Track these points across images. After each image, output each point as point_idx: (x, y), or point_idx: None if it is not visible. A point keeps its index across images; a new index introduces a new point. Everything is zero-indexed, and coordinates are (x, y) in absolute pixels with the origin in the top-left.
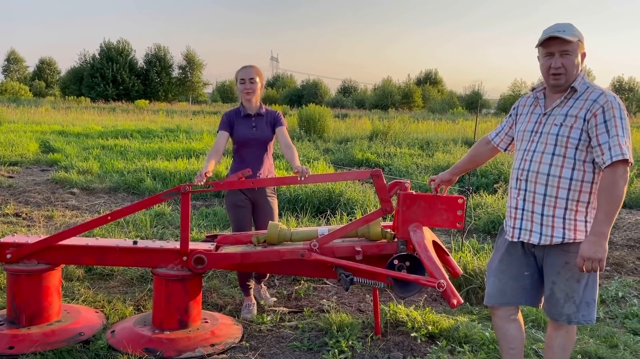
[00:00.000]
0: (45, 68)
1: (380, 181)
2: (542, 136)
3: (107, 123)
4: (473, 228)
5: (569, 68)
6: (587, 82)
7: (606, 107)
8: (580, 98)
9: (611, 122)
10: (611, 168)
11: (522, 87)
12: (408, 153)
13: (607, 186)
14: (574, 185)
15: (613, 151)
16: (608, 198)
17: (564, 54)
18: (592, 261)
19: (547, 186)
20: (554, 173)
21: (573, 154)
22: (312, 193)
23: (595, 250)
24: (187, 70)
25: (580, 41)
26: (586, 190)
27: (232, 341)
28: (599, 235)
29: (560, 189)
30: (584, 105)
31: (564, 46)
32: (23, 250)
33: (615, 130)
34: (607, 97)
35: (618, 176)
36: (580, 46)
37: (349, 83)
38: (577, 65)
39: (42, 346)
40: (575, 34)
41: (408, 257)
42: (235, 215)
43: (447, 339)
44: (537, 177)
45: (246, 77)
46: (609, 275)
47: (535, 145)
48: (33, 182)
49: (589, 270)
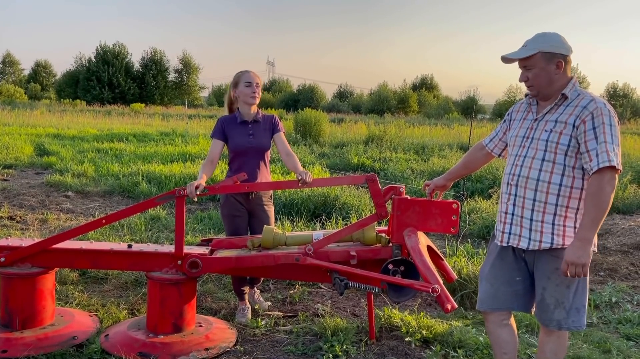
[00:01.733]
0: (41, 71)
1: (375, 186)
2: (533, 141)
3: (103, 126)
4: (468, 233)
5: (534, 80)
6: (578, 89)
7: (595, 114)
8: (571, 105)
9: (600, 128)
10: (598, 175)
11: (518, 92)
12: (404, 158)
13: (594, 192)
14: (563, 191)
15: (600, 157)
16: (594, 204)
17: (527, 68)
18: (576, 266)
19: (537, 192)
20: (544, 179)
21: (562, 160)
22: (307, 198)
23: (580, 255)
24: (183, 73)
25: (542, 52)
26: (575, 196)
27: (226, 345)
28: (583, 240)
29: (549, 194)
30: (573, 111)
31: (523, 62)
32: (17, 253)
33: (603, 136)
34: (596, 104)
35: (605, 182)
36: (546, 57)
37: (345, 87)
38: (548, 75)
39: (36, 350)
40: (537, 47)
41: (402, 262)
42: (230, 225)
43: (441, 344)
44: (526, 182)
45: (252, 80)
46: (603, 281)
47: (526, 150)
48: (27, 185)
49: (573, 275)
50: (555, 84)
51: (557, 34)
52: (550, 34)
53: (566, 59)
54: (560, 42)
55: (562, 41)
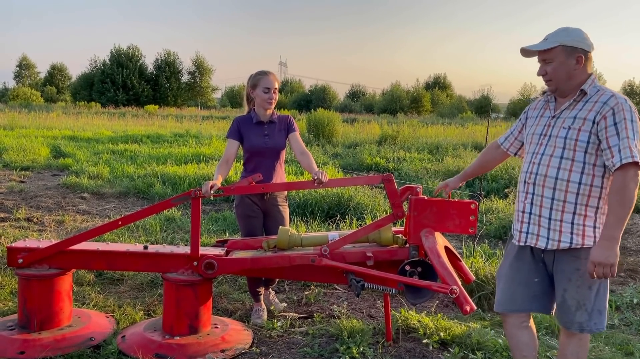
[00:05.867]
0: (57, 74)
1: (391, 186)
2: (551, 139)
3: (117, 128)
4: (484, 234)
5: (552, 74)
6: (597, 85)
7: (616, 109)
8: (590, 101)
9: (621, 124)
10: (621, 171)
11: (532, 91)
12: (417, 157)
13: (617, 189)
14: (583, 189)
15: (623, 153)
16: (619, 202)
17: (546, 61)
18: (604, 267)
19: (555, 190)
20: (562, 177)
21: (582, 157)
22: (321, 198)
23: (608, 255)
24: (196, 75)
25: (563, 46)
26: (595, 194)
27: (242, 346)
28: (610, 239)
29: (568, 193)
30: (593, 107)
31: (543, 55)
32: (34, 255)
33: (625, 132)
34: (617, 99)
35: (628, 179)
36: (566, 50)
37: (358, 88)
38: (567, 70)
39: (53, 351)
40: (558, 40)
41: (420, 263)
42: (246, 225)
43: (459, 346)
44: (545, 181)
45: (271, 86)
46: (624, 281)
47: (544, 148)
48: (44, 187)
49: (600, 276)
50: (574, 79)
51: (579, 29)
52: (573, 29)
53: (587, 54)
54: (582, 37)
55: (584, 36)
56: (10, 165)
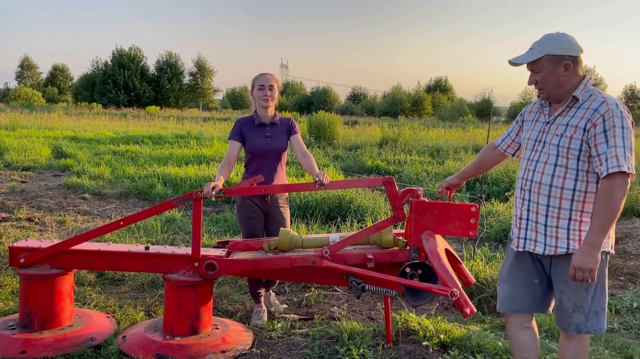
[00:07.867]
0: (58, 75)
1: (392, 188)
2: (545, 146)
3: (119, 129)
4: (485, 236)
5: (542, 83)
6: (590, 88)
7: (607, 116)
8: (582, 107)
9: (611, 131)
10: (608, 180)
11: (533, 94)
12: (418, 160)
13: (603, 197)
14: (577, 196)
15: (610, 162)
16: (604, 210)
17: (534, 71)
18: (584, 272)
19: (550, 197)
20: (557, 184)
21: (575, 165)
22: (322, 200)
23: (587, 260)
24: (197, 76)
25: (549, 55)
26: (590, 200)
27: (242, 347)
28: (591, 245)
29: (563, 200)
30: (584, 114)
31: (530, 65)
32: (36, 255)
33: (614, 140)
34: (608, 106)
35: (615, 187)
36: (553, 60)
37: (359, 90)
38: (556, 78)
39: (54, 351)
40: (543, 50)
41: (420, 265)
42: (247, 227)
43: (459, 349)
44: (539, 188)
45: (265, 83)
46: (624, 285)
47: (538, 155)
48: (45, 187)
49: (581, 280)
50: (564, 86)
51: (564, 35)
52: (558, 35)
53: (575, 59)
54: (568, 43)
55: (570, 42)
56: (12, 165)
